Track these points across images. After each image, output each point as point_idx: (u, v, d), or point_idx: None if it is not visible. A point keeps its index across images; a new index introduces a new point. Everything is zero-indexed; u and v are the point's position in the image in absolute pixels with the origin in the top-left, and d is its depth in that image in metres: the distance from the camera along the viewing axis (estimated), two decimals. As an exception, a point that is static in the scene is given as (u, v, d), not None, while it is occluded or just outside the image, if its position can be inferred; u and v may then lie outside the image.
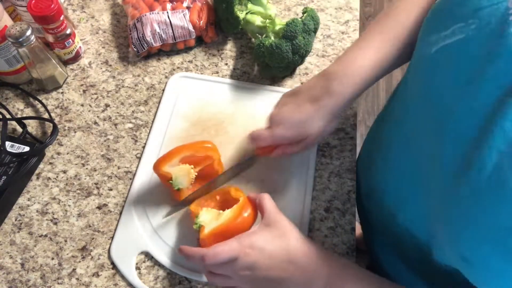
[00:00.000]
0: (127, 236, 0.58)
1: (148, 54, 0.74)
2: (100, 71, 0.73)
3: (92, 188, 0.62)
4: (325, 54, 0.75)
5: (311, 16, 0.68)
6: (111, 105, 0.69)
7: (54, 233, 0.59)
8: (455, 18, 0.36)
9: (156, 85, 0.72)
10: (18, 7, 0.68)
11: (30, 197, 0.61)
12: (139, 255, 0.57)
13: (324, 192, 0.62)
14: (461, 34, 0.35)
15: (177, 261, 0.56)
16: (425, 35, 0.41)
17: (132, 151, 0.65)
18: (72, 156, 0.65)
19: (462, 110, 0.34)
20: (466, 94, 0.34)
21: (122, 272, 0.56)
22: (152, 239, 0.57)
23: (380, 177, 0.55)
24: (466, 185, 0.33)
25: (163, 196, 0.60)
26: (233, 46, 0.76)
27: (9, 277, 0.55)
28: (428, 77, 0.40)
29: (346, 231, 0.59)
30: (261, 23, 0.71)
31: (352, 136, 0.67)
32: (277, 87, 0.71)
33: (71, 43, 0.70)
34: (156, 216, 0.59)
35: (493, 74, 0.32)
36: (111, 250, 0.57)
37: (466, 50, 0.35)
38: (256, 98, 0.69)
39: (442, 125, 0.37)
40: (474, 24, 0.34)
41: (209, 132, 0.66)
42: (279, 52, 0.65)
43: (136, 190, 0.61)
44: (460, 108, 0.35)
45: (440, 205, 0.38)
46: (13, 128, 0.67)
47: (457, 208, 0.35)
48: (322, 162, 0.64)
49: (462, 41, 0.35)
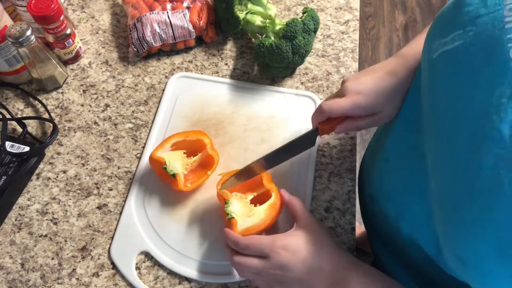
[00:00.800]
0: (127, 236, 0.58)
1: (148, 54, 0.74)
2: (100, 71, 0.73)
3: (92, 188, 0.62)
4: (325, 54, 0.75)
5: (311, 16, 0.68)
6: (111, 105, 0.69)
7: (54, 233, 0.59)
8: (454, 25, 0.37)
9: (156, 85, 0.72)
10: (18, 7, 0.68)
11: (30, 197, 0.61)
12: (139, 255, 0.57)
13: (324, 192, 0.62)
14: (460, 40, 0.36)
15: (178, 261, 0.56)
16: (428, 42, 0.42)
17: (132, 151, 0.65)
18: (72, 156, 0.65)
19: (459, 114, 0.35)
20: (463, 99, 0.35)
21: (122, 272, 0.56)
22: (152, 239, 0.57)
23: (383, 182, 0.55)
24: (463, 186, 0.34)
25: (163, 195, 0.60)
26: (233, 46, 0.76)
27: (9, 277, 0.55)
28: (429, 82, 0.41)
29: (346, 231, 0.59)
30: (261, 23, 0.71)
31: (352, 136, 0.67)
32: (277, 87, 0.71)
33: (71, 43, 0.70)
34: (156, 216, 0.59)
35: (489, 79, 0.33)
36: (111, 250, 0.57)
37: (464, 55, 0.36)
38: (256, 98, 0.69)
39: (440, 128, 0.38)
40: (472, 31, 0.35)
41: (209, 132, 0.66)
42: (279, 52, 0.65)
43: (136, 190, 0.61)
44: (457, 112, 0.35)
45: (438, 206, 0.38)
46: (13, 128, 0.67)
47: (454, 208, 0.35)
48: (322, 162, 0.64)
49: (461, 47, 0.36)
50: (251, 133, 0.66)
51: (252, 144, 0.65)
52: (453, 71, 0.37)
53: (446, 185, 0.36)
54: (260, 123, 0.67)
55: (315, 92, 0.71)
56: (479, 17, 0.35)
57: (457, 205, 0.35)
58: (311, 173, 0.62)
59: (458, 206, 0.34)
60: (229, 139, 0.65)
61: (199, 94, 0.70)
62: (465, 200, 0.33)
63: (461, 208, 0.34)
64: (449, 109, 0.37)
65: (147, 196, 0.61)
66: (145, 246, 0.57)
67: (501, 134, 0.31)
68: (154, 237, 0.58)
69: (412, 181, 0.47)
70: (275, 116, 0.68)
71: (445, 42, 0.38)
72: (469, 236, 0.33)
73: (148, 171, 0.62)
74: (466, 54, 0.35)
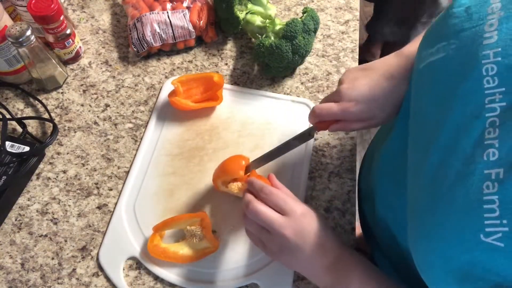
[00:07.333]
0: (116, 240, 0.57)
1: (148, 54, 0.74)
2: (100, 71, 0.73)
3: (92, 188, 0.62)
4: (325, 54, 0.75)
5: (311, 16, 0.68)
6: (111, 105, 0.69)
7: (54, 233, 0.59)
8: (440, 36, 0.38)
9: (156, 85, 0.72)
10: (18, 7, 0.68)
11: (30, 197, 0.61)
12: (127, 260, 0.57)
13: (324, 192, 0.62)
14: (443, 52, 0.37)
15: (163, 267, 0.56)
16: (419, 50, 0.43)
17: (132, 151, 0.65)
18: (72, 156, 0.65)
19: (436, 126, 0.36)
20: (440, 111, 0.35)
21: (111, 277, 0.55)
22: (142, 244, 0.57)
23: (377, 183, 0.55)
24: (426, 198, 0.35)
25: (155, 201, 0.60)
26: (233, 46, 0.76)
27: (9, 277, 0.55)
28: (415, 90, 0.42)
29: (346, 231, 0.59)
30: (261, 23, 0.71)
31: (352, 136, 0.67)
32: (273, 93, 0.70)
33: (71, 43, 0.70)
34: (147, 223, 0.58)
35: (464, 95, 0.33)
36: (100, 256, 0.56)
37: (445, 68, 0.36)
38: (252, 104, 0.69)
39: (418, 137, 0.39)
40: (455, 45, 0.36)
41: (202, 137, 0.65)
42: (279, 52, 0.65)
43: (128, 193, 0.61)
44: (433, 124, 0.36)
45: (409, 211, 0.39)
46: (13, 128, 0.66)
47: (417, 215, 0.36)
48: (322, 162, 0.64)
49: (443, 59, 0.37)
50: (245, 139, 0.66)
51: (246, 150, 0.64)
52: (435, 83, 0.37)
53: (416, 189, 0.37)
54: (255, 129, 0.67)
55: (315, 92, 0.71)
56: (462, 31, 0.35)
57: (421, 212, 0.35)
58: (304, 174, 0.62)
59: (422, 213, 0.35)
60: (223, 145, 0.65)
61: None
62: (427, 208, 0.34)
63: (423, 215, 0.35)
64: (430, 119, 0.37)
65: (139, 200, 0.60)
66: (133, 251, 0.56)
67: (464, 151, 0.32)
68: (143, 243, 0.57)
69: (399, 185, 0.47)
70: (270, 122, 0.67)
71: (431, 53, 0.38)
72: (425, 244, 0.34)
73: (141, 173, 0.62)
74: (447, 67, 0.36)
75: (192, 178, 0.62)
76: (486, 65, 0.32)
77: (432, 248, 0.33)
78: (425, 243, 0.34)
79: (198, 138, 0.66)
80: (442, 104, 0.35)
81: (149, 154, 0.64)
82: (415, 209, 0.37)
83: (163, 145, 0.65)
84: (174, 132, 0.66)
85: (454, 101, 0.34)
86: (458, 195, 0.31)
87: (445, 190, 0.32)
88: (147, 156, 0.64)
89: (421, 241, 0.35)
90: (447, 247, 0.32)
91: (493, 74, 0.31)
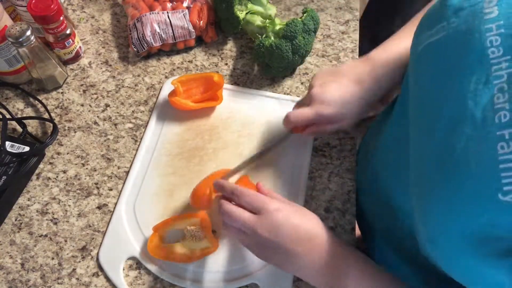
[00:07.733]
0: (116, 240, 0.57)
1: (148, 54, 0.74)
2: (100, 71, 0.73)
3: (92, 188, 0.62)
4: (325, 54, 0.75)
5: (311, 16, 0.68)
6: (111, 105, 0.69)
7: (54, 233, 0.59)
8: (440, 18, 0.39)
9: (156, 85, 0.72)
10: (18, 7, 0.68)
11: (30, 197, 0.61)
12: (127, 260, 0.57)
13: (324, 192, 0.62)
14: (443, 32, 0.38)
15: (163, 267, 0.55)
16: (416, 36, 0.44)
17: (132, 151, 0.65)
18: (72, 156, 0.65)
19: (439, 100, 0.37)
20: (444, 86, 0.37)
21: (110, 277, 0.55)
22: (142, 244, 0.57)
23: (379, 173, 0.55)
24: (437, 166, 0.35)
25: (155, 202, 0.60)
26: (233, 46, 0.76)
27: (9, 277, 0.55)
28: (415, 73, 0.43)
29: (346, 231, 0.59)
30: (261, 23, 0.71)
31: (352, 136, 0.67)
32: (273, 93, 0.70)
33: (71, 43, 0.70)
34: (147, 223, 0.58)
35: (468, 66, 0.35)
36: (100, 256, 0.56)
37: (446, 45, 0.38)
38: (252, 104, 0.69)
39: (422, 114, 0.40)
40: (455, 23, 0.37)
41: (202, 137, 0.65)
42: (279, 52, 0.65)
43: (128, 193, 0.61)
44: (437, 99, 0.37)
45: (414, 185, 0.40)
46: (13, 128, 0.66)
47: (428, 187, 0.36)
48: (322, 162, 0.64)
49: (443, 38, 0.38)
50: (245, 139, 0.65)
51: (246, 150, 0.64)
52: (436, 61, 0.39)
53: (423, 165, 0.38)
54: (255, 129, 0.67)
55: (315, 92, 0.71)
56: (462, 10, 0.37)
57: (431, 184, 0.36)
58: (304, 174, 0.62)
59: (432, 185, 0.36)
60: (223, 145, 0.65)
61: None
62: (438, 179, 0.35)
63: (434, 186, 0.35)
64: (431, 96, 0.38)
65: (139, 200, 0.60)
66: (133, 251, 0.56)
67: (474, 116, 0.33)
68: (143, 242, 0.57)
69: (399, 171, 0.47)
70: (270, 121, 0.67)
71: (430, 34, 0.40)
72: (439, 214, 0.35)
73: (140, 173, 0.62)
74: (448, 44, 0.37)
75: (192, 178, 0.62)
76: (490, 37, 0.33)
77: (447, 216, 0.34)
78: (439, 213, 0.35)
79: (198, 138, 0.66)
80: (446, 78, 0.37)
81: (149, 154, 0.64)
82: (423, 183, 0.37)
83: (163, 145, 0.65)
84: (174, 132, 0.66)
85: (459, 73, 0.35)
86: (472, 159, 0.32)
87: (456, 156, 0.33)
88: (147, 156, 0.64)
89: (435, 211, 0.35)
90: (465, 211, 0.32)
91: (497, 45, 0.33)
